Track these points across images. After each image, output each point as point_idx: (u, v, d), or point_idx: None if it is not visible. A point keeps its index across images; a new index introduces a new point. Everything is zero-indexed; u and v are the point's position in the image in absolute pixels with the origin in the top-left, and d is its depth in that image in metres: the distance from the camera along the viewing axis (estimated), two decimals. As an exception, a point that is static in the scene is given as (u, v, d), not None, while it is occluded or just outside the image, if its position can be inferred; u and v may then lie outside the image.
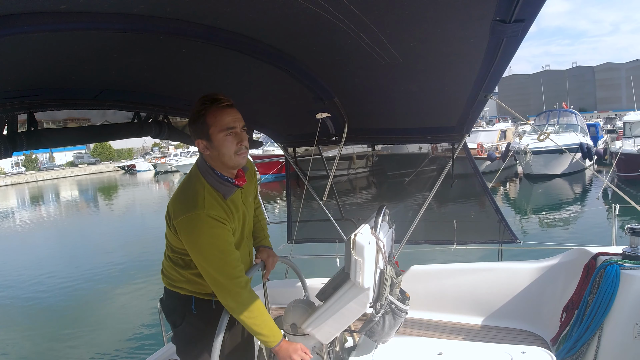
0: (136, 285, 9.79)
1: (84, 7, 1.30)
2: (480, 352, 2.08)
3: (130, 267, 11.27)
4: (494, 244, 3.97)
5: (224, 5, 1.50)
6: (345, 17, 1.56)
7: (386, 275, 1.96)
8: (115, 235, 16.59)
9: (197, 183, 1.80)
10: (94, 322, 7.97)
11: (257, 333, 1.81)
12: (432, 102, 3.01)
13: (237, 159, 1.79)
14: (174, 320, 2.01)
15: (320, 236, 4.40)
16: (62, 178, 54.33)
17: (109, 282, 10.28)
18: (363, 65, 2.22)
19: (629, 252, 2.70)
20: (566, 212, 14.69)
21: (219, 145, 1.76)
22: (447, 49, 1.97)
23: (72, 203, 31.23)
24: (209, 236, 1.70)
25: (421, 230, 3.91)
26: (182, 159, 45.69)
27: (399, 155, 4.21)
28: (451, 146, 3.67)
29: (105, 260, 12.29)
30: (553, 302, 3.11)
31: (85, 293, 9.70)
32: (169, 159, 49.23)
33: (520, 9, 1.39)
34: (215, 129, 1.74)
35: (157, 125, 2.86)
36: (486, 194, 3.90)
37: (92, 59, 1.86)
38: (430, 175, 4.27)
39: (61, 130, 2.37)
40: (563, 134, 21.19)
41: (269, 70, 2.21)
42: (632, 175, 17.56)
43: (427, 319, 3.47)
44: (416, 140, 3.94)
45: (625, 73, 79.01)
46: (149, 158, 58.87)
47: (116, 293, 9.47)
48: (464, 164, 3.84)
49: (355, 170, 4.29)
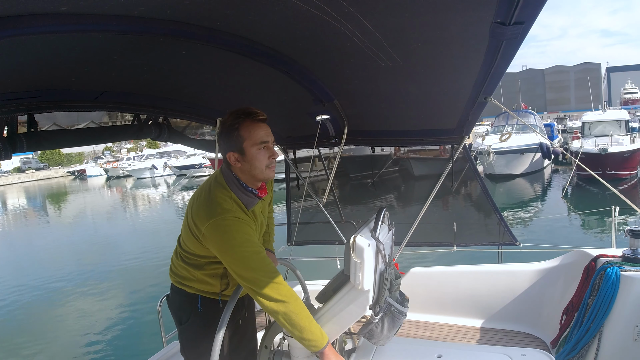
0: (94, 294, 9.55)
1: (84, 9, 1.30)
2: (479, 354, 2.08)
3: (84, 277, 10.83)
4: (494, 246, 3.96)
5: (224, 8, 1.50)
6: (345, 20, 1.56)
7: (386, 277, 1.95)
8: (67, 244, 15.69)
9: (224, 191, 1.80)
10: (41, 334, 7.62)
11: (301, 334, 1.68)
12: (431, 104, 3.01)
13: (267, 172, 1.81)
14: (179, 317, 2.02)
15: (319, 238, 4.40)
16: (8, 185, 49.82)
17: (61, 292, 9.90)
18: (363, 68, 2.22)
19: (629, 254, 2.70)
20: (530, 210, 14.83)
21: (252, 159, 1.77)
22: (447, 51, 1.97)
23: (19, 211, 28.59)
24: (242, 234, 1.69)
25: (421, 232, 3.91)
26: (135, 163, 44.02)
27: (361, 157, 4.17)
28: (451, 148, 3.67)
29: (57, 270, 11.72)
30: (553, 305, 3.11)
31: (36, 304, 9.27)
32: (121, 164, 46.95)
33: (519, 12, 1.40)
34: (249, 142, 1.75)
35: (157, 127, 2.86)
36: (486, 196, 3.90)
37: (93, 61, 1.86)
38: (393, 176, 4.26)
39: (61, 132, 2.37)
40: (523, 134, 21.57)
41: (268, 73, 2.21)
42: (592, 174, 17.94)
43: (427, 321, 3.46)
44: (416, 143, 3.95)
45: (573, 75, 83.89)
46: (100, 162, 56.03)
47: (71, 301, 9.12)
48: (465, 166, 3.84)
49: (317, 173, 4.28)
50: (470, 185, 4.05)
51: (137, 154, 49.70)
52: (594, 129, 20.78)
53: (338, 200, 4.25)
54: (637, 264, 2.61)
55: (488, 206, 3.87)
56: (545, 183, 21.28)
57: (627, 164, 18.10)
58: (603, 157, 17.42)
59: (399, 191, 4.47)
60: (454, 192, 3.93)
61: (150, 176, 40.94)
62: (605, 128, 20.30)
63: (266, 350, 2.15)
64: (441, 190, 3.78)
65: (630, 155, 17.79)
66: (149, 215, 21.67)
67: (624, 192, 18.82)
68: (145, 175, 41.09)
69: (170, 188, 32.38)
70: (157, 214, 21.57)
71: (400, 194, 4.49)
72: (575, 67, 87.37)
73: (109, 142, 5.17)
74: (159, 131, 2.87)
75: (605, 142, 17.86)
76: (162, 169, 41.02)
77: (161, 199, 27.82)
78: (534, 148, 21.20)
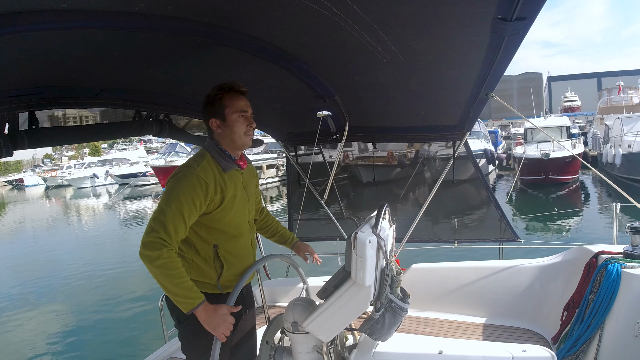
0: (94, 293, 9.41)
1: (84, 6, 1.30)
2: (480, 350, 2.08)
3: (24, 292, 10.32)
4: (495, 242, 3.97)
5: (225, 4, 1.50)
6: (346, 15, 1.56)
7: (387, 273, 1.96)
8: (4, 259, 14.46)
9: (199, 155, 1.94)
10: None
11: (174, 293, 1.73)
12: (433, 101, 3.00)
13: (245, 139, 1.98)
14: (177, 316, 2.02)
15: (321, 234, 4.41)
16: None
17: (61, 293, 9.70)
18: (364, 64, 2.21)
19: (630, 250, 2.70)
20: (475, 215, 15.11)
21: (232, 124, 1.94)
22: (448, 47, 1.96)
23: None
24: (184, 186, 1.78)
25: (422, 228, 3.91)
26: (75, 171, 41.54)
27: (307, 164, 4.17)
28: (452, 144, 3.67)
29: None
30: (554, 301, 3.11)
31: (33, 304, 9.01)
32: (61, 172, 44.41)
33: (521, 7, 1.39)
34: (230, 110, 1.93)
35: (158, 123, 2.86)
36: (487, 192, 3.90)
37: (93, 58, 1.86)
38: (343, 183, 4.25)
39: (62, 129, 2.37)
40: (468, 140, 21.65)
41: (269, 69, 2.21)
42: (535, 178, 18.66)
43: (428, 317, 3.46)
44: (417, 139, 3.95)
45: (516, 84, 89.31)
46: (39, 171, 52.83)
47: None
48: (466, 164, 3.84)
49: (265, 179, 4.25)
50: (471, 182, 4.05)
51: (78, 162, 47.25)
52: (536, 135, 21.09)
53: (339, 197, 4.25)
54: (638, 261, 2.61)
55: (489, 202, 3.87)
56: (491, 188, 21.36)
57: (569, 169, 18.63)
58: (546, 162, 17.88)
59: (400, 188, 4.48)
60: (455, 189, 3.94)
61: (91, 185, 38.81)
62: (547, 134, 20.82)
63: (267, 345, 2.16)
64: (442, 187, 3.78)
65: (572, 160, 18.24)
66: (91, 226, 20.41)
67: (567, 195, 18.90)
68: (86, 184, 38.85)
69: (112, 197, 30.58)
70: (97, 225, 20.38)
71: (401, 191, 4.49)
72: (518, 76, 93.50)
73: (110, 139, 5.16)
74: (160, 128, 2.87)
75: (548, 148, 18.30)
76: (103, 177, 38.93)
77: (103, 209, 26.02)
78: (478, 154, 21.26)
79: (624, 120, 20.27)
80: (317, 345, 2.05)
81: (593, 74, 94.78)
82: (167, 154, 28.77)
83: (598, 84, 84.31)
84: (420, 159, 4.28)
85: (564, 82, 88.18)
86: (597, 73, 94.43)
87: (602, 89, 39.25)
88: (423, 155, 4.29)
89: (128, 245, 14.13)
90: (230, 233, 1.97)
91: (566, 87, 75.19)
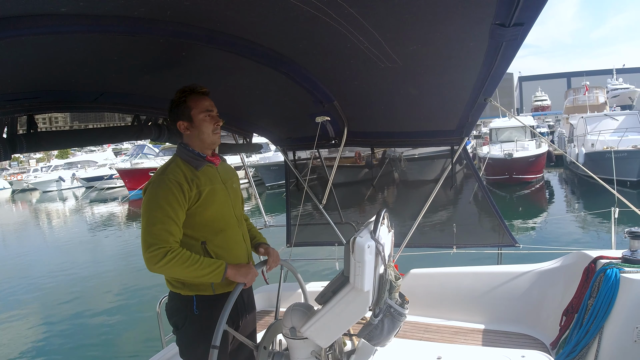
0: (93, 295, 9.34)
1: (84, 10, 1.30)
2: (479, 356, 2.08)
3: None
4: (494, 247, 3.96)
5: (224, 9, 1.50)
6: (345, 21, 1.56)
7: (385, 278, 1.95)
8: None
9: (169, 161, 2.01)
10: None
11: (200, 275, 1.84)
12: (431, 106, 3.01)
13: (214, 137, 2.03)
14: (175, 322, 2.01)
15: (319, 239, 4.40)
16: None
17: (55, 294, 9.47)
18: (363, 69, 2.22)
19: (629, 255, 2.70)
20: (444, 214, 15.08)
21: (200, 125, 1.99)
22: (447, 52, 1.97)
23: None
24: (160, 191, 1.85)
25: (420, 233, 3.91)
26: (42, 174, 39.60)
27: (277, 164, 4.14)
28: (450, 149, 3.68)
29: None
30: (553, 306, 3.10)
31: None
32: (27, 175, 42.40)
33: (519, 13, 1.40)
34: (197, 111, 1.98)
35: (157, 128, 2.86)
36: (486, 197, 3.90)
37: (92, 62, 1.86)
38: (312, 184, 4.26)
39: (61, 133, 2.37)
40: None
41: (268, 74, 2.21)
42: (500, 178, 18.71)
43: (427, 322, 3.45)
44: (415, 144, 3.95)
45: None
46: (5, 174, 50.19)
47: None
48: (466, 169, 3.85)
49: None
50: (469, 187, 4.06)
51: (45, 165, 44.97)
52: (500, 135, 21.19)
53: (338, 202, 4.24)
54: (636, 265, 2.61)
55: (488, 207, 3.87)
56: (458, 187, 21.31)
57: (533, 168, 18.73)
58: (509, 162, 17.97)
59: (399, 193, 4.47)
60: (453, 194, 3.94)
61: (57, 189, 37.17)
62: (512, 134, 20.70)
63: (265, 351, 2.15)
64: (441, 192, 3.78)
65: (536, 160, 18.29)
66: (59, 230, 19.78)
67: (531, 195, 18.72)
68: (52, 187, 37.30)
69: (78, 201, 29.70)
70: (64, 229, 19.76)
71: (400, 196, 4.49)
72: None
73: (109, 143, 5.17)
74: (159, 132, 2.87)
75: (511, 148, 18.42)
76: (69, 180, 37.34)
77: (69, 213, 25.19)
78: (445, 154, 21.32)
79: (588, 120, 20.31)
80: (315, 350, 2.04)
81: (563, 73, 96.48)
82: (135, 156, 28.69)
83: (568, 83, 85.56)
84: (386, 160, 4.29)
85: (535, 82, 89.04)
86: (567, 73, 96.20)
87: (569, 89, 38.87)
88: (389, 156, 4.29)
89: (99, 249, 13.81)
90: (215, 227, 1.98)
91: (537, 87, 76.01)
